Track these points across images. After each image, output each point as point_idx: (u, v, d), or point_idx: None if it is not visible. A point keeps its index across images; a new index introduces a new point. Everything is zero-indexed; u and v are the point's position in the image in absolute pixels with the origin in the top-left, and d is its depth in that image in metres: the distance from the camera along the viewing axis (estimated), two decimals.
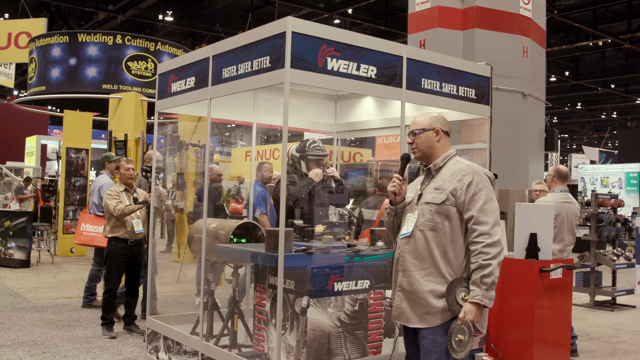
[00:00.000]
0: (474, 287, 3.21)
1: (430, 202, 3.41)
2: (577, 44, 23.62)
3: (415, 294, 3.37)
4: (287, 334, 4.59)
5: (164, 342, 5.62)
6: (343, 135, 6.89)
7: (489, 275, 3.19)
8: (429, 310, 3.32)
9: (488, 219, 3.29)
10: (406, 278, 3.42)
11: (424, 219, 3.41)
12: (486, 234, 3.26)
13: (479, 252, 3.25)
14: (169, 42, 17.25)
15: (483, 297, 3.18)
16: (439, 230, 3.36)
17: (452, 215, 3.36)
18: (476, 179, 3.37)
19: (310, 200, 5.52)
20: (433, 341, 3.30)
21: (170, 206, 8.20)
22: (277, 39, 4.28)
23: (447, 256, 3.34)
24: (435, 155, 3.56)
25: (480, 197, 3.33)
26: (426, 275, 3.35)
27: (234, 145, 30.83)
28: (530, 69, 11.66)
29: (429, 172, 3.57)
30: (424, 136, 3.55)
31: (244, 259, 5.28)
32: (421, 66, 4.95)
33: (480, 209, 3.31)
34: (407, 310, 3.41)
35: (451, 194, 3.36)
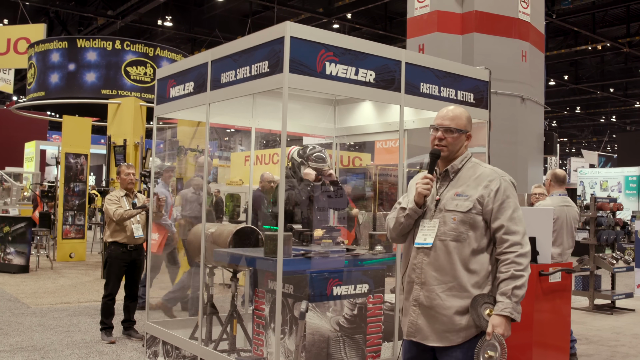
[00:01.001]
0: (503, 298, 2.97)
1: (453, 209, 3.13)
2: (576, 48, 23.65)
3: (435, 309, 3.09)
4: (286, 339, 4.59)
5: (162, 347, 5.62)
6: (342, 139, 6.90)
7: (521, 287, 2.97)
8: (451, 328, 3.06)
9: (518, 229, 3.08)
10: (425, 292, 3.13)
11: (446, 228, 3.12)
12: (518, 244, 3.04)
13: (512, 261, 3.01)
14: (168, 47, 17.27)
15: (513, 310, 2.94)
16: (463, 240, 3.09)
17: (478, 224, 3.10)
18: (503, 186, 3.13)
19: (310, 205, 5.52)
20: (455, 358, 3.07)
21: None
22: (276, 43, 4.29)
23: (470, 268, 3.08)
24: (455, 157, 3.28)
25: (509, 205, 3.10)
26: (448, 289, 3.08)
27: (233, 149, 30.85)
28: (529, 73, 11.68)
29: (446, 175, 3.26)
30: (459, 138, 3.25)
31: (243, 264, 5.27)
32: (420, 70, 4.96)
33: (510, 218, 3.08)
34: (425, 327, 3.13)
35: (478, 201, 3.11)
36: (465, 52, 11.26)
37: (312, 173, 5.56)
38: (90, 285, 10.79)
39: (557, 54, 23.83)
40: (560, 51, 23.74)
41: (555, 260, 5.96)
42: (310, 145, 5.86)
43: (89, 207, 15.34)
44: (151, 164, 6.70)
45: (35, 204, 16.91)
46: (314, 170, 5.58)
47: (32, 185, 19.27)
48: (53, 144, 27.39)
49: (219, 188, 19.72)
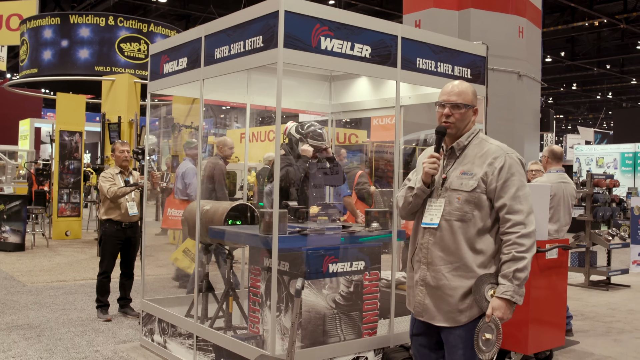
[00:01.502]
0: (505, 281, 2.93)
1: (458, 189, 3.07)
2: (573, 24, 23.49)
3: (441, 290, 3.08)
4: (282, 316, 4.58)
5: (159, 325, 5.61)
6: (338, 116, 6.84)
7: (523, 269, 2.91)
8: (456, 308, 3.04)
9: (522, 207, 2.99)
10: (431, 272, 3.11)
11: (450, 207, 3.07)
12: (521, 223, 2.97)
13: (513, 242, 2.95)
14: (162, 24, 17.10)
15: (515, 293, 2.91)
16: (468, 220, 3.04)
17: (483, 203, 3.04)
18: (508, 162, 3.04)
19: (308, 182, 5.49)
20: (458, 336, 3.05)
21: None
22: (270, 18, 4.22)
23: (475, 248, 3.04)
24: (462, 133, 3.19)
25: (513, 183, 3.01)
26: (454, 269, 3.05)
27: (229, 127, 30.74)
28: (526, 49, 11.60)
29: (452, 152, 3.19)
30: (465, 113, 3.17)
31: (239, 241, 5.25)
32: (416, 45, 4.90)
33: (514, 197, 2.99)
34: (432, 308, 3.12)
35: (482, 180, 3.03)
36: (461, 28, 11.16)
37: (310, 150, 5.51)
38: (87, 263, 10.78)
39: (553, 30, 23.68)
40: (557, 27, 23.59)
41: (551, 237, 5.95)
42: (308, 122, 5.80)
43: (85, 185, 15.28)
44: (145, 141, 6.65)
45: (30, 182, 16.85)
46: (313, 147, 5.53)
47: (26, 164, 19.19)
48: (47, 122, 27.27)
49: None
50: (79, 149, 14.32)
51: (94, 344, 5.86)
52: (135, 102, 13.20)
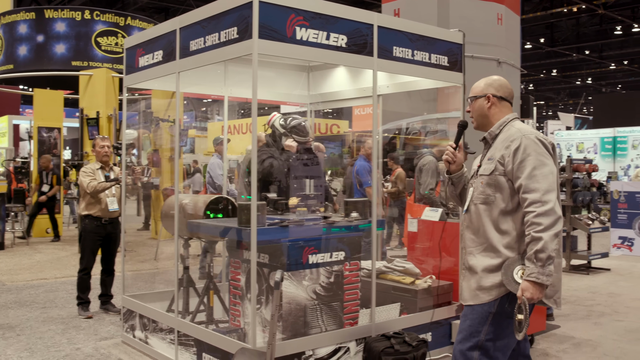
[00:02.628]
0: (529, 263, 2.97)
1: (482, 174, 3.23)
2: (552, 11, 23.57)
3: (472, 270, 3.22)
4: (263, 308, 4.56)
5: (140, 321, 5.57)
6: (317, 106, 6.82)
7: (543, 250, 2.92)
8: (482, 286, 3.14)
9: (539, 186, 3.01)
10: (466, 255, 3.29)
11: (477, 192, 3.24)
12: (537, 202, 2.98)
13: (531, 222, 2.98)
14: (139, 17, 16.90)
15: (539, 274, 2.93)
16: (491, 202, 3.16)
17: (502, 185, 3.14)
18: (524, 143, 3.09)
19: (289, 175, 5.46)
20: (471, 308, 3.17)
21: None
22: (244, 8, 4.19)
23: (500, 229, 3.13)
24: (491, 124, 3.33)
25: (529, 163, 3.05)
26: (483, 250, 3.18)
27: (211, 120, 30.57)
28: (505, 36, 11.59)
29: (486, 142, 3.35)
30: (476, 104, 3.36)
31: (218, 234, 5.22)
32: (392, 34, 4.88)
33: (530, 175, 3.03)
34: (465, 289, 3.26)
35: (499, 162, 3.15)
36: (441, 15, 11.12)
37: (294, 145, 5.47)
38: (67, 260, 10.69)
39: (533, 16, 23.75)
40: (536, 14, 23.65)
41: None
42: (292, 115, 5.76)
43: (64, 181, 15.13)
44: (123, 136, 6.58)
45: (9, 180, 16.66)
46: (297, 142, 5.49)
47: (4, 162, 18.98)
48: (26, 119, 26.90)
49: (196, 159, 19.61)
50: (57, 145, 14.17)
51: (75, 342, 5.81)
52: (113, 97, 13.07)
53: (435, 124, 10.52)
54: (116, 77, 13.16)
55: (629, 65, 34.07)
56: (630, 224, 11.60)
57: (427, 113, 10.89)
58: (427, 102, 10.19)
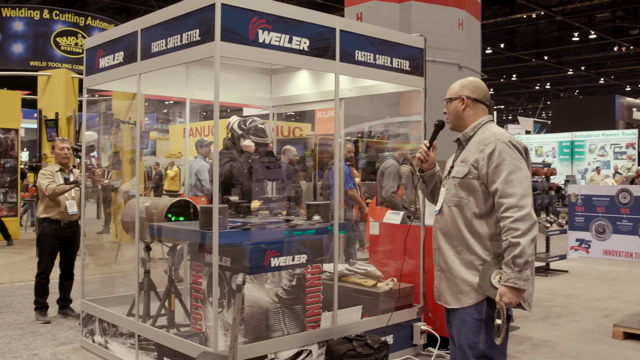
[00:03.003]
0: (506, 268, 2.97)
1: (455, 176, 3.22)
2: (512, 17, 23.97)
3: (450, 272, 3.20)
4: (225, 312, 4.54)
5: (99, 325, 5.49)
6: (279, 109, 6.82)
7: (520, 255, 2.92)
8: (462, 289, 3.14)
9: (515, 190, 3.00)
10: (441, 257, 3.26)
11: (449, 194, 3.23)
12: (514, 207, 2.98)
13: (508, 228, 2.97)
14: (100, 17, 16.73)
15: (516, 279, 2.94)
16: (464, 205, 3.15)
17: (476, 188, 3.13)
18: (499, 147, 3.08)
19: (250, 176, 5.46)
20: (461, 321, 3.15)
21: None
22: (207, 11, 4.17)
23: (476, 231, 3.12)
24: (466, 125, 3.32)
25: (505, 167, 3.04)
26: (457, 253, 3.18)
27: (172, 122, 30.33)
28: (466, 41, 11.75)
29: (460, 143, 3.34)
30: (451, 105, 3.37)
31: (179, 238, 5.18)
32: (355, 38, 4.91)
33: (506, 180, 3.02)
34: (445, 291, 3.24)
35: (473, 165, 3.14)
36: (402, 20, 11.23)
37: (252, 145, 5.50)
38: (24, 264, 10.48)
39: (493, 22, 24.11)
40: (497, 19, 24.02)
41: None
42: (251, 117, 5.77)
43: (22, 183, 14.83)
44: (83, 138, 6.49)
45: None
46: (256, 143, 5.51)
47: None
48: None
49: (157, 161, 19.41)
50: (15, 147, 13.89)
51: (32, 347, 5.70)
52: (73, 98, 12.86)
53: (397, 128, 10.61)
54: (76, 78, 12.97)
55: (586, 71, 34.83)
56: (587, 227, 11.85)
57: (389, 117, 10.99)
58: (389, 106, 10.28)
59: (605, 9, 23.51)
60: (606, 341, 6.12)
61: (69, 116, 12.50)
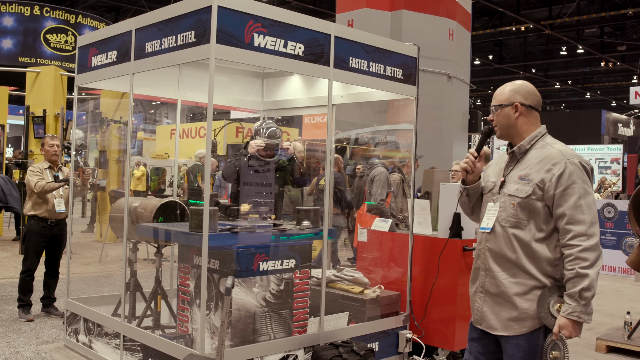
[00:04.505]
0: (571, 301, 2.76)
1: (513, 194, 2.95)
2: (501, 29, 24.13)
3: (501, 296, 2.96)
4: (212, 315, 4.53)
5: (84, 325, 5.46)
6: (270, 113, 6.82)
7: (589, 288, 2.73)
8: (516, 317, 2.92)
9: (584, 217, 2.79)
10: (489, 279, 3.01)
11: (506, 213, 2.96)
12: (583, 235, 2.77)
13: (575, 257, 2.76)
14: (90, 15, 16.64)
15: (582, 313, 2.74)
16: (524, 227, 2.91)
17: (538, 210, 2.89)
18: (569, 170, 2.84)
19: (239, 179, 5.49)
20: (516, 346, 2.92)
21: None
22: (203, 13, 4.17)
23: (535, 255, 2.89)
24: (519, 135, 3.05)
25: (574, 192, 2.81)
26: (512, 276, 2.93)
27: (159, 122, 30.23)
28: (456, 51, 11.85)
29: (514, 156, 3.07)
30: (502, 113, 3.07)
31: (168, 239, 5.16)
32: (349, 45, 4.93)
33: (575, 206, 2.80)
34: (490, 316, 3.01)
35: (538, 186, 2.88)
36: (393, 28, 11.32)
37: (256, 146, 5.49)
38: (7, 261, 10.38)
39: (482, 33, 24.27)
40: (486, 31, 24.19)
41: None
42: (265, 121, 5.81)
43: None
44: (72, 136, 6.46)
45: None
46: (266, 145, 5.53)
47: None
48: None
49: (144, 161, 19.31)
50: (0, 143, 13.76)
51: (15, 345, 5.65)
52: (61, 95, 12.78)
53: (385, 136, 10.65)
54: (65, 76, 12.89)
55: (573, 85, 35.14)
56: None
57: (376, 124, 11.04)
58: (378, 114, 10.33)
59: (593, 24, 23.74)
60: (589, 354, 6.16)
61: (57, 113, 12.42)
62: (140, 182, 16.11)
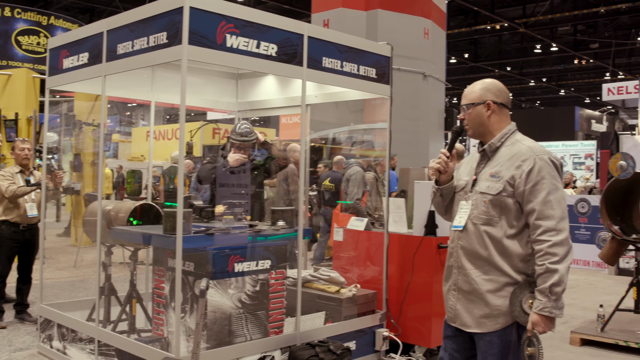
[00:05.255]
0: (542, 296, 2.78)
1: (485, 192, 2.96)
2: (476, 27, 24.31)
3: (474, 294, 2.98)
4: (187, 317, 4.50)
5: (58, 330, 5.40)
6: (245, 114, 6.80)
7: (559, 283, 2.75)
8: (489, 313, 2.93)
9: (554, 212, 2.81)
10: (462, 277, 3.02)
11: (477, 211, 2.98)
12: (552, 230, 2.80)
13: (545, 253, 2.79)
14: (63, 17, 16.46)
15: (553, 308, 2.77)
16: (495, 224, 2.92)
17: (509, 207, 2.91)
18: (538, 165, 2.87)
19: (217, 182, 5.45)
20: (489, 342, 2.94)
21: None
22: (175, 14, 4.14)
23: (506, 252, 2.91)
24: (490, 133, 3.07)
25: (543, 187, 2.84)
26: (484, 273, 2.95)
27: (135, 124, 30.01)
28: (431, 50, 11.91)
29: (484, 154, 3.09)
30: (474, 112, 3.06)
31: (142, 242, 5.12)
32: (322, 45, 4.92)
33: (544, 201, 2.83)
34: (464, 313, 3.02)
35: (508, 183, 2.90)
36: (369, 28, 11.35)
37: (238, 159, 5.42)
38: None
39: (457, 32, 24.42)
40: (461, 30, 24.35)
41: None
42: (241, 121, 5.78)
43: None
44: (44, 139, 6.39)
45: None
46: (235, 141, 5.47)
47: None
48: None
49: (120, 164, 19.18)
50: None
51: None
52: (33, 98, 12.61)
53: (362, 135, 10.68)
54: (37, 78, 12.73)
55: (547, 83, 35.52)
56: None
57: (353, 123, 11.06)
58: (354, 113, 10.35)
59: (566, 22, 24.00)
60: (564, 347, 6.23)
61: (30, 117, 12.27)
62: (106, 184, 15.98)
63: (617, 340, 6.15)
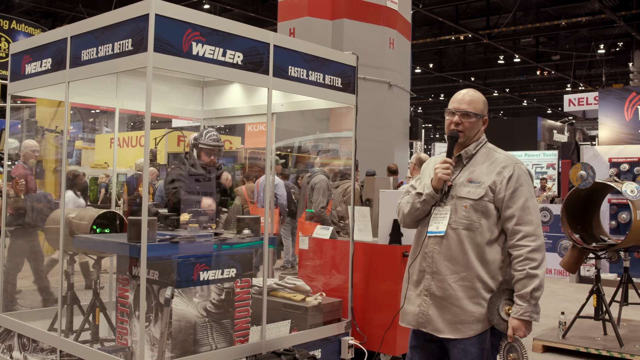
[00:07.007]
0: (522, 302, 2.85)
1: (465, 197, 3.01)
2: (441, 38, 24.63)
3: (448, 300, 2.99)
4: (152, 326, 4.46)
5: (18, 341, 5.30)
6: (210, 122, 6.78)
7: (539, 288, 2.84)
8: (463, 319, 2.96)
9: (532, 218, 2.92)
10: (437, 282, 3.02)
11: (457, 216, 3.01)
12: (532, 235, 2.89)
13: (525, 258, 2.86)
14: (25, 21, 16.19)
15: (533, 312, 2.86)
16: (475, 229, 2.97)
17: (490, 212, 2.97)
18: (517, 173, 2.98)
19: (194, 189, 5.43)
20: (463, 351, 2.96)
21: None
22: (140, 21, 4.12)
23: (484, 258, 2.96)
24: (470, 142, 3.18)
25: (522, 194, 2.94)
26: (460, 279, 2.97)
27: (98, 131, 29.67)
28: (397, 60, 12.04)
29: (460, 160, 3.15)
30: (474, 122, 3.16)
31: (106, 250, 5.07)
32: (288, 54, 4.94)
33: (524, 207, 2.92)
34: (436, 318, 3.02)
35: (490, 188, 2.97)
36: (335, 37, 11.43)
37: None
38: None
39: (422, 42, 24.70)
40: (426, 40, 24.64)
41: None
42: (206, 128, 5.77)
43: None
44: (5, 146, 6.29)
45: None
46: (206, 147, 5.47)
47: None
48: None
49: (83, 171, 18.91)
50: None
51: None
52: None
53: (327, 143, 10.72)
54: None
55: (510, 93, 36.09)
56: None
57: (319, 132, 11.11)
58: (320, 122, 10.41)
59: (528, 34, 24.46)
60: None
61: None
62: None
63: (578, 346, 6.27)
